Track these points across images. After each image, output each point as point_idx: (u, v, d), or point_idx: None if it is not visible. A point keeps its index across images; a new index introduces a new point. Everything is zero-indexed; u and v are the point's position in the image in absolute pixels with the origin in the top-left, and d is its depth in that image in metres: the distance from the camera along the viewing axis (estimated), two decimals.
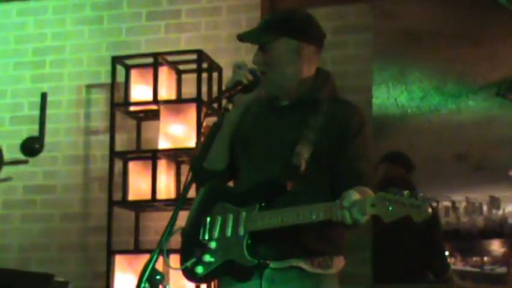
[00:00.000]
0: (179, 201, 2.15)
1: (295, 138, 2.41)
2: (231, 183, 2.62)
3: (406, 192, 2.12)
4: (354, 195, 2.20)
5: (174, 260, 2.47)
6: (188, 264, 2.40)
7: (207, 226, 2.42)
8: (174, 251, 2.47)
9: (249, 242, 2.34)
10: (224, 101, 2.39)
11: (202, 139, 2.51)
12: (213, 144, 2.38)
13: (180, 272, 2.46)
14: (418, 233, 4.47)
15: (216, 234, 2.40)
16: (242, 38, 2.53)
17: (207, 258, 2.37)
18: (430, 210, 2.09)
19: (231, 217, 2.39)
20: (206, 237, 2.41)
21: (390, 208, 2.12)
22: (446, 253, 9.57)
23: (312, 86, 2.50)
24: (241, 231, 2.35)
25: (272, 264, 2.37)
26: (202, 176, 2.49)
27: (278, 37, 2.46)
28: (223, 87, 2.44)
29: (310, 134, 2.41)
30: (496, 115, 6.73)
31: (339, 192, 2.26)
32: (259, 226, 2.33)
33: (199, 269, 2.38)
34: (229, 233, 2.38)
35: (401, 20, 5.00)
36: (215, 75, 4.50)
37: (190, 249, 2.42)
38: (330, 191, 2.38)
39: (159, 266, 2.22)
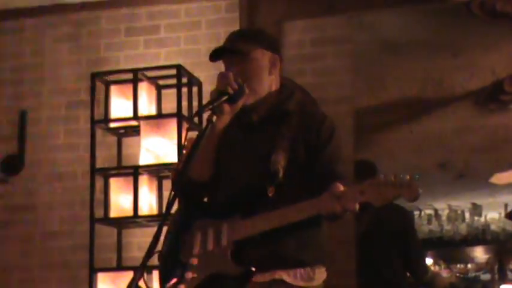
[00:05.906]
0: (163, 217, 2.13)
1: (269, 149, 2.42)
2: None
3: (392, 175, 2.13)
4: (341, 186, 2.22)
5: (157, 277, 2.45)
6: (170, 285, 2.36)
7: (186, 245, 2.40)
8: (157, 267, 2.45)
9: (233, 249, 2.32)
10: (208, 113, 2.38)
11: (184, 153, 2.49)
12: (200, 154, 2.36)
13: None
14: (397, 241, 4.51)
15: (196, 250, 2.37)
16: (219, 51, 2.53)
17: (189, 275, 2.35)
18: (419, 189, 2.09)
19: (211, 231, 2.37)
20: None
21: (380, 192, 2.12)
22: (430, 260, 9.54)
23: (279, 98, 2.52)
24: (224, 242, 2.34)
25: (255, 278, 2.35)
26: (187, 187, 2.44)
27: (257, 48, 2.49)
28: (210, 97, 2.41)
29: (284, 144, 2.42)
30: (476, 123, 6.79)
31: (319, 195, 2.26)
32: (243, 234, 2.32)
33: None
34: (211, 246, 2.36)
35: (380, 31, 5.02)
36: (195, 89, 4.49)
37: (171, 271, 2.40)
38: (307, 198, 2.36)
39: (143, 283, 2.20)
